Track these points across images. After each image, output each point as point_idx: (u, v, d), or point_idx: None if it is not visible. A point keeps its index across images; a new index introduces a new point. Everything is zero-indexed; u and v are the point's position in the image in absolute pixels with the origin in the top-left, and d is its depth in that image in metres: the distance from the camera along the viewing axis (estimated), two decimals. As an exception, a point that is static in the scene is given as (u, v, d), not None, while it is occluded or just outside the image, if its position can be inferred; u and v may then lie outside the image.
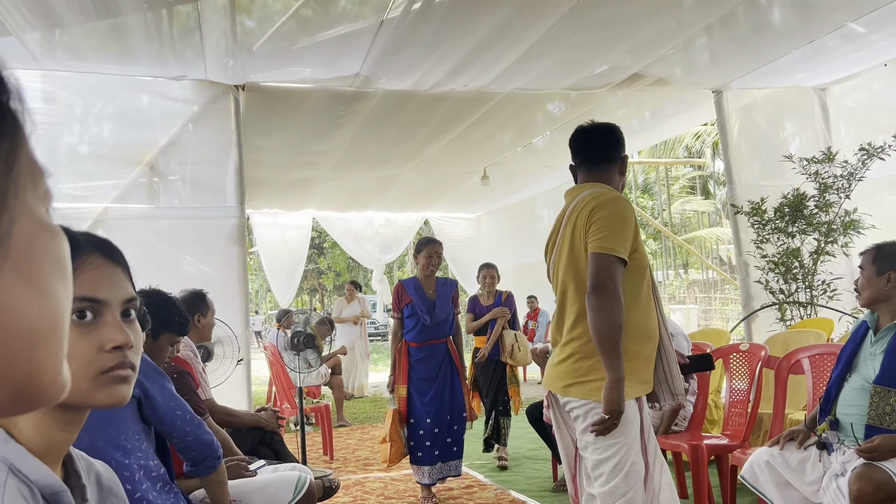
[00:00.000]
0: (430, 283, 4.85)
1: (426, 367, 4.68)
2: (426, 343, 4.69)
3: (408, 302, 4.71)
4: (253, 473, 2.95)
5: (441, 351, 4.72)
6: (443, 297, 4.73)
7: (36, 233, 0.48)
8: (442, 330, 4.72)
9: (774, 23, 4.94)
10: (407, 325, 4.73)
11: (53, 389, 0.50)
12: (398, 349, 4.76)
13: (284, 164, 7.91)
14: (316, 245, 29.52)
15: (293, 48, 4.85)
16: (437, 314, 4.68)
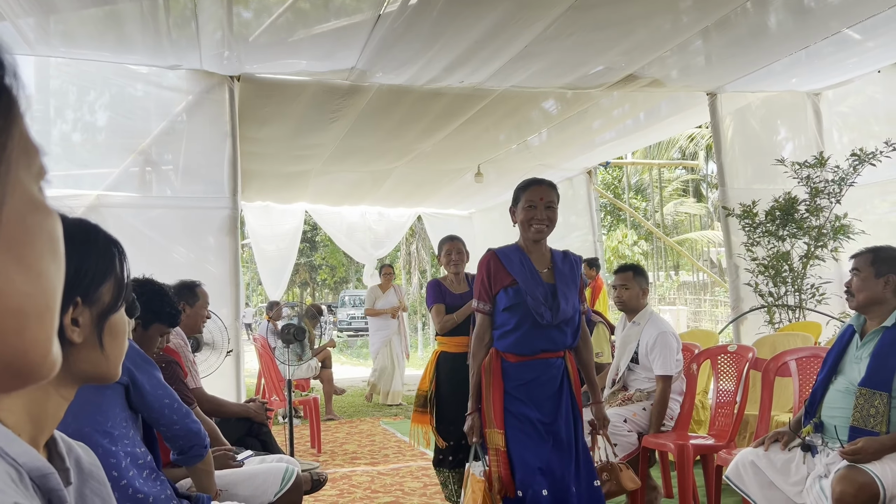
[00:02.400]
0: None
1: (536, 397, 2.89)
2: (537, 357, 2.90)
3: (507, 284, 2.92)
4: (240, 464, 2.95)
5: (558, 370, 2.94)
6: (565, 280, 2.95)
7: (28, 211, 0.48)
8: (563, 336, 2.95)
9: (770, 27, 4.96)
10: (503, 325, 2.94)
11: (44, 367, 0.50)
12: (485, 365, 2.95)
13: (278, 157, 7.89)
14: (308, 239, 29.49)
15: (289, 40, 4.84)
16: (563, 308, 2.90)
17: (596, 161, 9.81)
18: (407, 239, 21.67)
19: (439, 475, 4.38)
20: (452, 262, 4.38)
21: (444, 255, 4.41)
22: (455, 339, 4.29)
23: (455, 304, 4.30)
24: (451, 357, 4.28)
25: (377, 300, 9.13)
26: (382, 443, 6.62)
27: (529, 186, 2.98)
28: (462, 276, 4.42)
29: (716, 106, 6.22)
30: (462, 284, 4.41)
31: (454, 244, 4.44)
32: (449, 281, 4.42)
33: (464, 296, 4.32)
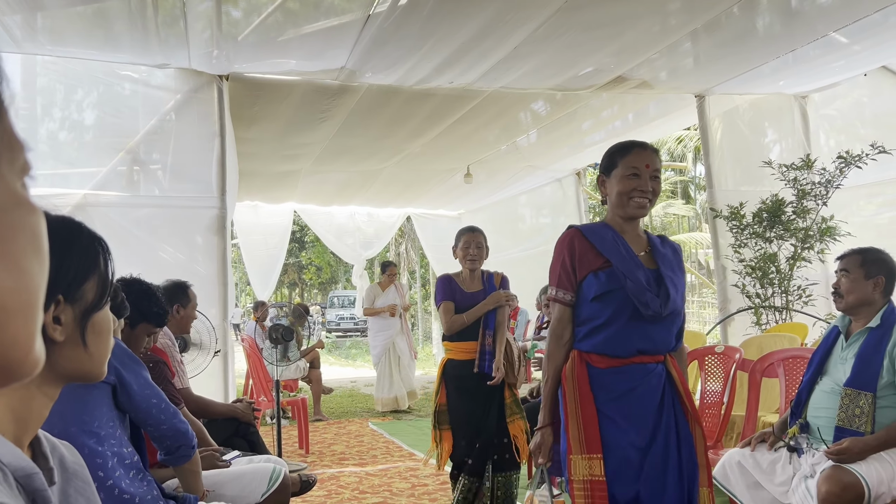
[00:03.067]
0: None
1: (632, 414, 2.26)
2: (632, 361, 2.28)
3: (597, 266, 2.31)
4: (227, 464, 2.94)
5: (658, 379, 2.29)
6: (669, 265, 2.37)
7: (11, 206, 0.48)
8: (667, 334, 2.33)
9: (758, 30, 4.99)
10: (591, 318, 2.30)
11: (26, 365, 0.50)
12: (566, 372, 2.31)
13: (267, 156, 7.87)
14: (297, 239, 29.40)
15: (279, 39, 4.83)
16: (672, 296, 2.29)
17: (585, 162, 9.83)
18: (396, 239, 21.65)
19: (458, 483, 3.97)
20: (470, 257, 3.96)
21: (462, 249, 3.99)
22: (463, 345, 3.90)
23: (466, 305, 3.90)
24: (458, 365, 3.93)
25: (376, 299, 8.46)
26: (371, 443, 6.61)
27: (631, 150, 2.36)
28: (478, 274, 4.02)
29: (704, 108, 6.25)
30: (476, 282, 4.01)
31: (474, 236, 4.00)
32: (462, 278, 4.03)
33: (477, 295, 3.93)
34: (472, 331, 3.89)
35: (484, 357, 3.88)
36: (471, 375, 3.87)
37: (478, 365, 3.86)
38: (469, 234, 4.03)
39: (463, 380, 3.90)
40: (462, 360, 3.91)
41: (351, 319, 28.46)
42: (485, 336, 3.91)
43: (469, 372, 3.86)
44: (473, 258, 3.99)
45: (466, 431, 3.89)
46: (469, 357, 3.88)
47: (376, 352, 8.48)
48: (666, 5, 4.58)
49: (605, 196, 2.43)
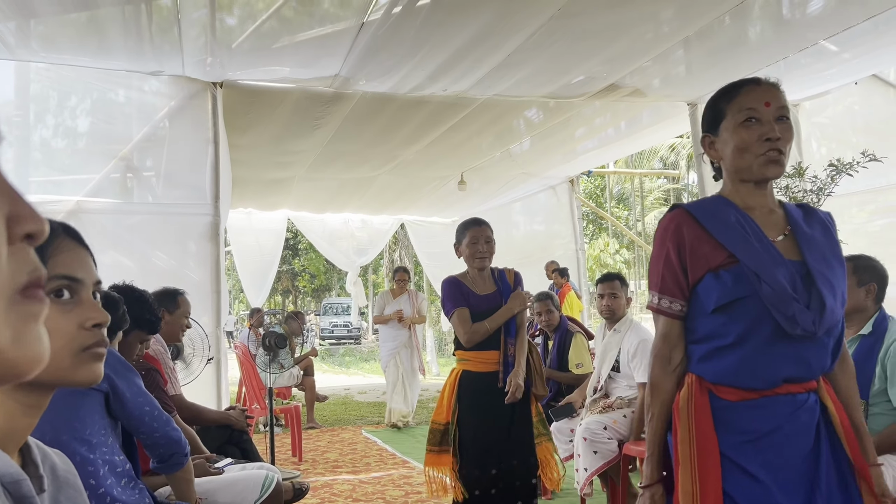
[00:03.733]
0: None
1: (776, 463, 1.60)
2: (776, 392, 1.63)
3: (718, 263, 1.67)
4: (219, 471, 2.93)
5: (811, 415, 1.65)
6: (820, 252, 1.72)
7: None
8: (822, 353, 1.66)
9: (749, 38, 5.03)
10: (714, 336, 1.67)
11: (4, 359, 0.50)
12: (678, 405, 1.70)
13: (260, 163, 7.87)
14: (290, 246, 29.39)
15: (273, 47, 4.84)
16: (829, 304, 1.62)
17: (578, 170, 9.87)
18: (390, 246, 21.64)
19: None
20: (478, 255, 3.43)
21: (468, 246, 3.44)
22: (483, 355, 3.39)
23: (481, 310, 3.39)
24: (476, 378, 3.40)
25: (386, 306, 7.89)
26: (364, 451, 6.60)
27: (741, 89, 1.79)
28: (487, 273, 3.51)
29: (696, 116, 6.29)
30: (488, 283, 3.50)
31: (481, 230, 3.46)
32: (471, 279, 3.49)
33: (491, 298, 3.44)
34: (493, 339, 3.37)
35: (508, 369, 3.35)
36: (492, 391, 3.34)
37: (501, 378, 3.34)
38: (475, 227, 3.46)
39: (482, 396, 3.36)
40: (482, 373, 3.37)
41: (345, 327, 28.43)
42: (507, 344, 3.37)
43: (490, 386, 3.34)
44: (482, 255, 3.43)
45: (482, 457, 3.30)
46: (490, 369, 3.37)
47: (383, 363, 8.02)
48: (658, 14, 4.61)
49: (717, 162, 1.80)
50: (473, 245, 3.46)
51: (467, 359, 3.45)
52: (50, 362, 0.92)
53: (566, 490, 4.84)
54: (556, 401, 4.73)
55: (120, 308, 2.44)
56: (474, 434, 3.36)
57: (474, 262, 3.47)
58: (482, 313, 3.40)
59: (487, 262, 3.48)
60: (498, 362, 3.39)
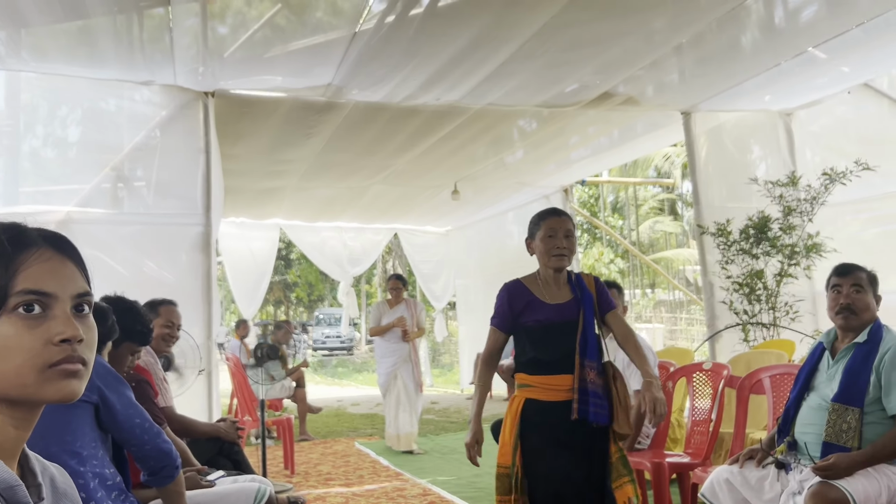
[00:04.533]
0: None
1: None
2: None
3: None
4: (211, 484, 2.89)
5: None
6: None
7: None
8: None
9: (741, 46, 5.05)
10: None
11: None
12: None
13: (253, 173, 7.85)
14: (282, 256, 29.32)
15: (265, 56, 4.83)
16: None
17: (572, 179, 9.88)
18: (383, 256, 21.62)
19: None
20: (556, 252, 2.79)
21: (543, 240, 2.82)
22: (552, 380, 2.76)
23: (551, 322, 2.77)
24: (544, 409, 2.76)
25: (382, 317, 7.08)
26: (357, 463, 6.54)
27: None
28: (564, 277, 2.86)
29: (690, 125, 6.30)
30: (563, 289, 2.85)
31: (561, 221, 2.83)
32: (541, 283, 2.85)
33: (565, 309, 2.79)
34: (565, 360, 2.74)
35: (585, 398, 2.70)
36: (564, 424, 2.71)
37: (576, 409, 2.69)
38: (553, 218, 2.85)
39: (552, 430, 2.74)
40: (550, 403, 2.74)
41: (337, 338, 28.33)
42: (584, 368, 2.73)
43: (561, 418, 2.71)
44: (561, 252, 2.79)
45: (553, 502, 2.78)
46: (560, 397, 2.73)
47: (381, 382, 7.14)
48: (649, 22, 4.61)
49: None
50: (550, 239, 2.80)
51: (532, 384, 2.79)
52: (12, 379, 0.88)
53: (561, 501, 4.80)
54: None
55: (109, 318, 2.41)
56: (544, 478, 2.75)
57: (550, 262, 2.81)
58: (553, 327, 2.76)
59: (567, 261, 2.81)
60: (571, 389, 2.72)
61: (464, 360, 12.99)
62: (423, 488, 5.42)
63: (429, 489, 5.39)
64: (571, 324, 2.77)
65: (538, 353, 2.77)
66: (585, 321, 2.77)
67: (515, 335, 2.87)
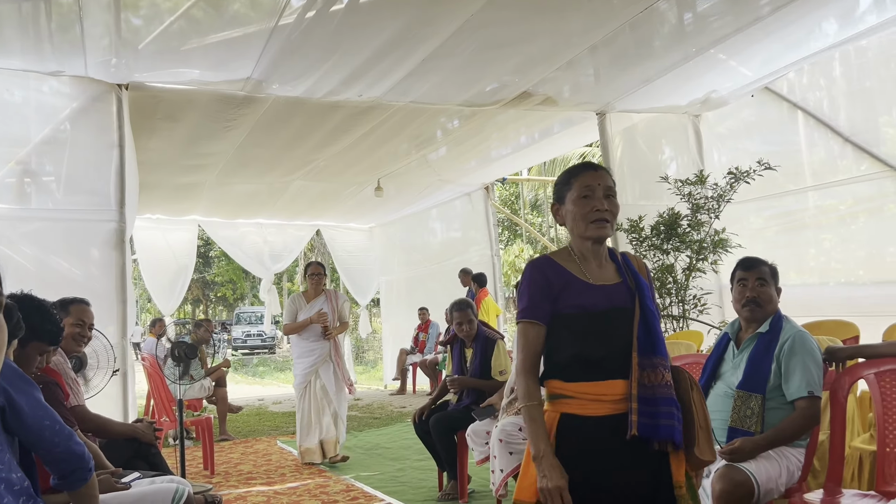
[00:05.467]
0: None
1: None
2: None
3: None
4: (126, 486, 2.83)
5: None
6: None
7: None
8: None
9: (651, 47, 5.26)
10: None
11: None
12: None
13: (170, 168, 7.64)
14: (201, 254, 28.60)
15: (181, 49, 4.72)
16: None
17: (493, 177, 10.02)
18: (306, 254, 21.37)
19: None
20: (595, 215, 2.10)
21: (577, 203, 2.13)
22: (598, 388, 2.03)
23: (597, 309, 2.07)
24: (587, 426, 2.03)
25: (299, 312, 6.24)
26: (279, 462, 6.48)
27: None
28: (605, 251, 2.18)
29: (605, 125, 6.50)
30: (607, 267, 2.17)
31: (598, 175, 2.15)
32: (578, 258, 2.14)
33: (613, 293, 2.10)
34: (616, 360, 2.04)
35: (650, 408, 2.00)
36: (616, 447, 2.00)
37: (635, 423, 1.97)
38: (589, 173, 2.16)
39: (599, 457, 2.01)
40: (596, 419, 2.02)
41: (258, 336, 27.83)
42: (643, 368, 2.03)
43: (611, 439, 2.00)
44: (602, 217, 2.10)
45: None
46: (609, 410, 2.02)
47: (297, 383, 6.34)
48: (565, 22, 4.73)
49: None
50: (585, 201, 2.11)
51: (570, 393, 2.05)
52: None
53: (481, 492, 4.89)
54: (477, 404, 4.78)
55: (14, 316, 2.33)
56: None
57: (588, 230, 2.10)
58: (601, 316, 2.06)
59: (610, 228, 2.12)
60: (625, 397, 2.02)
61: (387, 356, 13.00)
62: (346, 484, 5.42)
63: (352, 485, 5.39)
64: (624, 311, 2.09)
65: (582, 350, 2.03)
66: (644, 307, 2.11)
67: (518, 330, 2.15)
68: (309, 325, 6.14)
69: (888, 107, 5.63)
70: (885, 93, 5.56)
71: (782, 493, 2.79)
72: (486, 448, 4.33)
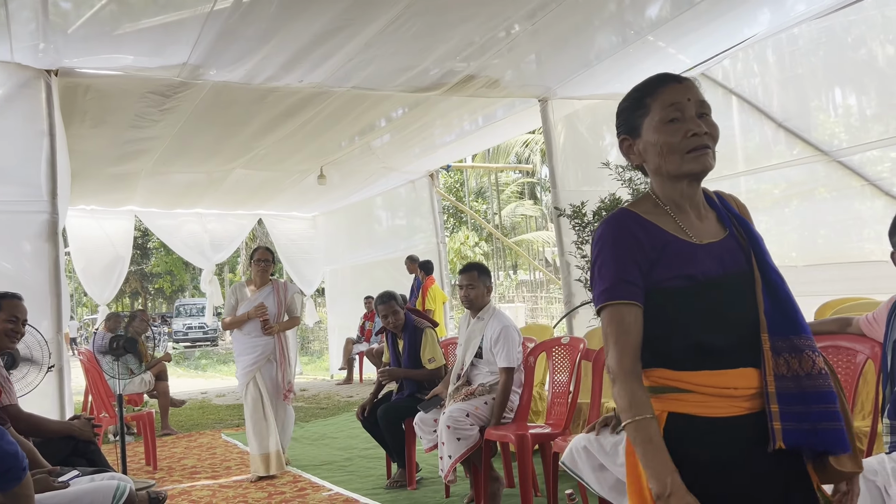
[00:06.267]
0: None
1: None
2: None
3: None
4: (64, 485, 2.75)
5: None
6: None
7: None
8: None
9: (590, 30, 5.32)
10: None
11: None
12: None
13: (103, 156, 7.41)
14: (139, 245, 27.88)
15: (114, 34, 4.57)
16: None
17: (437, 164, 10.01)
18: (247, 244, 21.03)
19: None
20: (693, 145, 1.55)
21: (660, 129, 1.58)
22: (721, 378, 1.49)
23: (708, 277, 1.52)
24: (710, 429, 1.48)
25: (240, 304, 5.54)
26: (224, 455, 6.39)
27: None
28: (701, 197, 1.67)
29: (547, 112, 6.55)
30: (709, 217, 1.65)
31: (686, 89, 1.60)
32: (671, 208, 1.62)
33: (724, 251, 1.56)
34: (743, 341, 1.52)
35: (792, 407, 1.49)
36: (749, 457, 1.49)
37: (779, 433, 1.46)
38: (673, 86, 1.60)
39: (726, 471, 1.47)
40: (721, 421, 1.49)
41: (200, 329, 27.31)
42: (778, 353, 1.52)
43: (743, 445, 1.49)
44: (702, 144, 1.56)
45: None
46: (735, 410, 1.50)
47: (240, 384, 5.59)
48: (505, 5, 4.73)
49: None
50: (673, 125, 1.56)
51: (684, 385, 1.51)
52: None
53: (430, 479, 4.91)
54: (422, 394, 4.79)
55: None
56: None
57: (684, 163, 1.56)
58: (715, 285, 1.51)
59: (712, 158, 1.57)
60: (757, 393, 1.51)
61: (333, 346, 12.92)
62: (293, 475, 5.38)
63: (299, 476, 5.35)
64: (742, 277, 1.55)
65: (696, 336, 1.49)
66: (765, 268, 1.56)
67: (602, 315, 1.55)
68: (247, 320, 5.41)
69: (818, 93, 5.81)
70: (815, 79, 5.73)
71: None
72: (434, 436, 4.34)
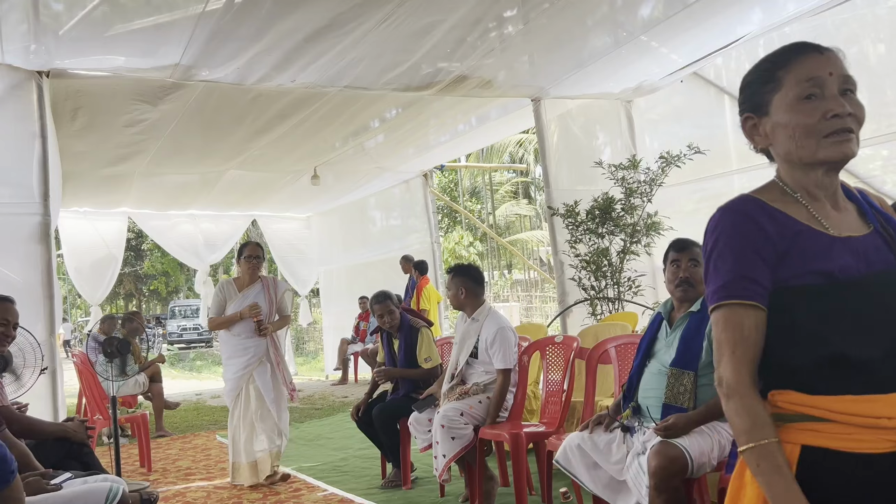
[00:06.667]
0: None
1: None
2: None
3: None
4: (57, 487, 2.74)
5: None
6: None
7: None
8: None
9: (583, 30, 5.33)
10: None
11: None
12: None
13: (96, 157, 7.39)
14: (133, 247, 27.79)
15: (106, 35, 4.56)
16: None
17: (432, 164, 10.02)
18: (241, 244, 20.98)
19: None
20: (833, 128, 1.29)
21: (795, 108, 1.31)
22: (867, 405, 1.21)
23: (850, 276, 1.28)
24: (851, 467, 1.21)
25: (228, 304, 5.16)
26: (219, 456, 6.38)
27: None
28: (838, 184, 1.38)
29: (540, 111, 6.56)
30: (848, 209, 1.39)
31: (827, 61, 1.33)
32: (806, 202, 1.35)
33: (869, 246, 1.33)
34: (891, 361, 1.23)
35: None
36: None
37: None
38: (814, 56, 1.33)
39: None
40: (867, 458, 1.21)
41: (194, 330, 27.23)
42: None
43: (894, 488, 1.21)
44: (845, 127, 1.30)
45: None
46: (890, 446, 1.20)
47: (228, 389, 5.32)
48: (499, 5, 4.74)
49: None
50: (810, 102, 1.32)
51: (821, 413, 1.25)
52: None
53: (425, 479, 4.91)
54: (417, 393, 4.79)
55: None
56: None
57: (821, 147, 1.31)
58: (860, 285, 1.28)
59: (853, 145, 1.31)
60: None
61: (328, 346, 12.90)
62: (288, 476, 5.36)
63: (294, 476, 5.34)
64: (892, 278, 1.31)
65: (838, 346, 1.24)
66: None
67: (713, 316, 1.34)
68: (239, 320, 5.07)
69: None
70: (806, 78, 5.76)
71: (714, 467, 2.89)
72: (428, 436, 4.34)
